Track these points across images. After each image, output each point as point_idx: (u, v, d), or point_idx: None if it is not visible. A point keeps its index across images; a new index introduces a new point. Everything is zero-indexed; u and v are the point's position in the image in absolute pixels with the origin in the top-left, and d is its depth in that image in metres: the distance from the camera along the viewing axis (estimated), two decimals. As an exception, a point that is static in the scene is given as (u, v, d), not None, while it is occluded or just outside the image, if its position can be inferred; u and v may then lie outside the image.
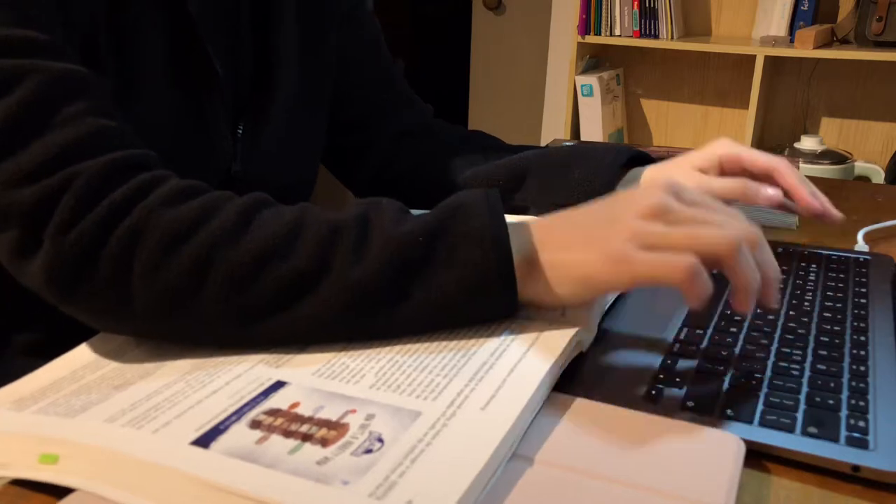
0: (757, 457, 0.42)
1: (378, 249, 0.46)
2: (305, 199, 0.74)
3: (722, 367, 0.50)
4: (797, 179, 0.65)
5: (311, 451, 0.39)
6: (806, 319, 0.57)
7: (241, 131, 0.67)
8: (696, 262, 0.43)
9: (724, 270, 0.44)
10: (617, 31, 2.17)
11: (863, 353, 0.52)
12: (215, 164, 0.65)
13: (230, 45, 0.66)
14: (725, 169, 0.68)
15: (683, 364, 0.50)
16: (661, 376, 0.49)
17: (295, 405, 0.43)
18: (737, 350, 0.52)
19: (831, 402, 0.45)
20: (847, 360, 0.51)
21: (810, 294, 0.61)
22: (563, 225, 0.49)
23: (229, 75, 0.66)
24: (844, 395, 0.46)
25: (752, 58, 1.97)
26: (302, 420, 0.42)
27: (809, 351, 0.52)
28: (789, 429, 0.43)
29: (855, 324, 0.56)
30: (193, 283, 0.45)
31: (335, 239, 0.47)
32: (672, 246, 0.44)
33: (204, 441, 0.39)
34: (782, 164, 0.66)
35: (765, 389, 0.47)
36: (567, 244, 0.48)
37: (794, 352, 0.52)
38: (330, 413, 0.42)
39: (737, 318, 0.57)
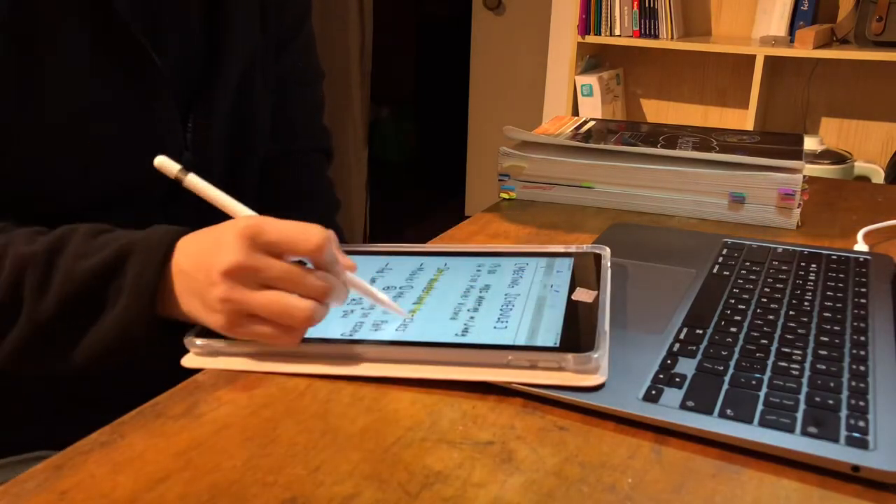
0: (757, 457, 0.42)
1: (57, 286, 0.52)
2: (250, 189, 0.77)
3: (722, 367, 0.50)
4: None
5: None
6: (806, 319, 0.57)
7: (191, 125, 0.68)
8: (278, 332, 0.50)
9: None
10: (617, 31, 2.17)
11: (863, 353, 0.52)
12: (166, 153, 0.66)
13: (177, 37, 0.66)
14: None
15: (683, 364, 0.50)
16: (661, 376, 0.49)
17: None
18: (737, 350, 0.52)
19: (831, 402, 0.45)
20: (847, 360, 0.51)
21: (810, 294, 0.61)
22: (185, 271, 0.52)
23: (177, 66, 0.66)
24: (844, 395, 0.46)
25: (752, 58, 1.97)
26: None
27: (809, 351, 0.52)
28: (789, 429, 0.43)
29: (855, 324, 0.56)
30: None
31: (23, 275, 0.52)
32: (260, 314, 0.49)
33: None
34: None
35: (765, 389, 0.47)
36: (188, 303, 0.52)
37: (794, 352, 0.52)
38: None
39: (737, 317, 0.57)
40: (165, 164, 0.53)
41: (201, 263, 0.50)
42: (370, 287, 0.54)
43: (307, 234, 0.49)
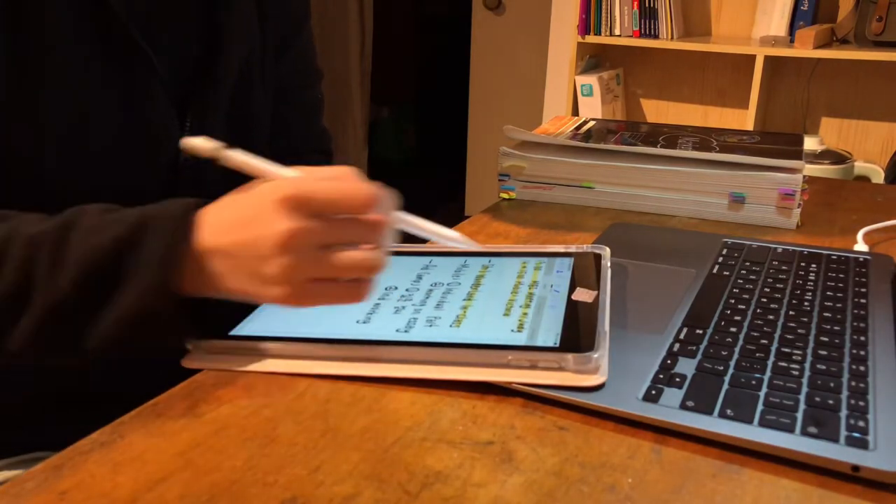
0: (757, 457, 0.42)
1: (72, 264, 0.48)
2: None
3: (722, 367, 0.50)
4: None
5: None
6: (806, 319, 0.57)
7: (188, 124, 0.68)
8: (347, 290, 0.48)
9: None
10: (617, 31, 2.17)
11: (863, 353, 0.52)
12: (162, 155, 0.66)
13: (174, 36, 0.66)
14: None
15: (683, 364, 0.50)
16: (661, 376, 0.49)
17: None
18: (737, 350, 0.52)
19: (831, 402, 0.45)
20: (847, 360, 0.51)
21: (810, 294, 0.61)
22: (224, 250, 0.49)
23: (173, 65, 0.66)
24: (844, 395, 0.46)
25: (752, 58, 1.97)
26: None
27: (809, 351, 0.52)
28: (789, 429, 0.43)
29: (855, 324, 0.56)
30: None
31: (34, 255, 0.48)
32: (327, 276, 0.47)
33: None
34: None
35: (765, 389, 0.47)
36: (235, 282, 0.48)
37: (794, 352, 0.52)
38: None
39: (737, 317, 0.57)
40: (195, 143, 0.51)
41: (244, 239, 0.47)
42: (424, 221, 0.52)
43: (353, 194, 0.46)
